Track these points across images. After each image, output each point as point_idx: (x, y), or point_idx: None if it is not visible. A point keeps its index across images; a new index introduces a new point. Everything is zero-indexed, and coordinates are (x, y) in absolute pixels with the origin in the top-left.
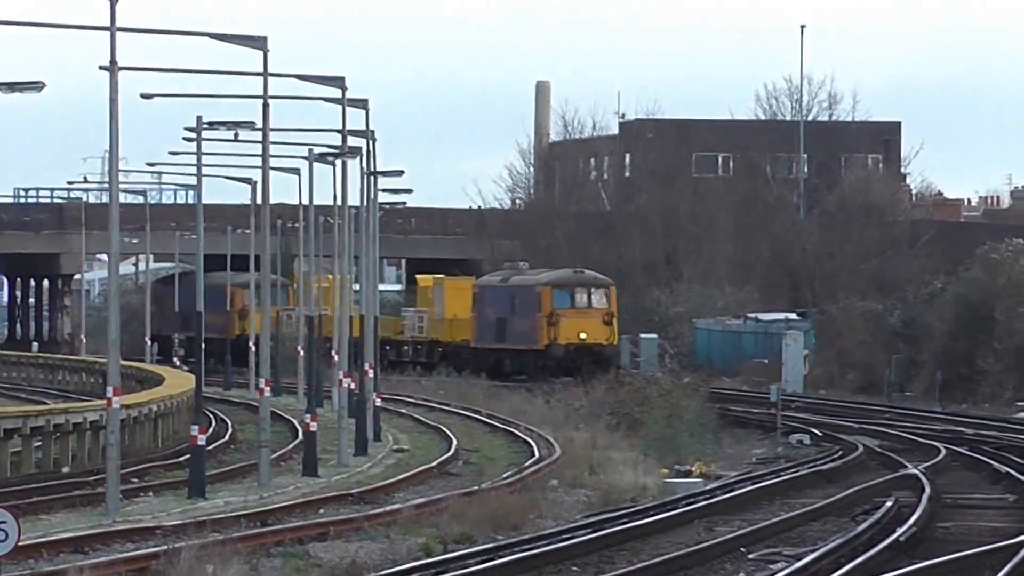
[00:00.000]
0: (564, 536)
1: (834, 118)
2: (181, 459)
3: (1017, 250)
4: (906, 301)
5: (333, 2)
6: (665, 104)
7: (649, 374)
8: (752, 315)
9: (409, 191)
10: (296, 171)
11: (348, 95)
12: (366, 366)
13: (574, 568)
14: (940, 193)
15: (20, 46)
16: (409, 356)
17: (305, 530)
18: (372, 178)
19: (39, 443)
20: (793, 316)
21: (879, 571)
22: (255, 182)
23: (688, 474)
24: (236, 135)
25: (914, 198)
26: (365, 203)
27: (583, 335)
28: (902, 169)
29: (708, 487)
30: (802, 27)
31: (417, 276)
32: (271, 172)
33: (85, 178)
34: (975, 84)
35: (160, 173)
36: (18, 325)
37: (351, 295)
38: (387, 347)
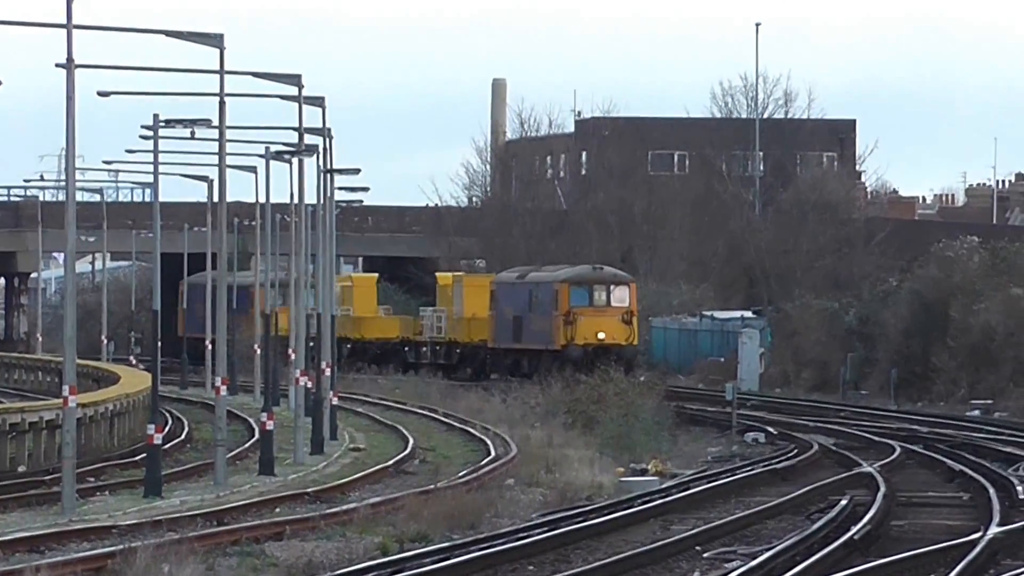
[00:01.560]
0: (520, 535)
1: (789, 116)
2: (137, 458)
3: (972, 248)
4: (861, 299)
5: (290, 1)
6: (621, 102)
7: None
8: (708, 313)
9: (366, 189)
10: (253, 169)
11: (305, 93)
12: (323, 365)
13: (530, 567)
14: (895, 191)
15: None
16: (428, 358)
17: (261, 529)
18: (329, 176)
19: None
20: (749, 314)
21: (834, 569)
22: (212, 180)
23: (644, 472)
24: (193, 133)
25: (869, 196)
26: (322, 201)
27: (601, 335)
28: (857, 167)
29: (664, 485)
30: (757, 25)
31: (436, 274)
32: (228, 170)
33: (42, 176)
34: (930, 83)
35: (117, 171)
36: None
37: (305, 293)
38: (406, 348)
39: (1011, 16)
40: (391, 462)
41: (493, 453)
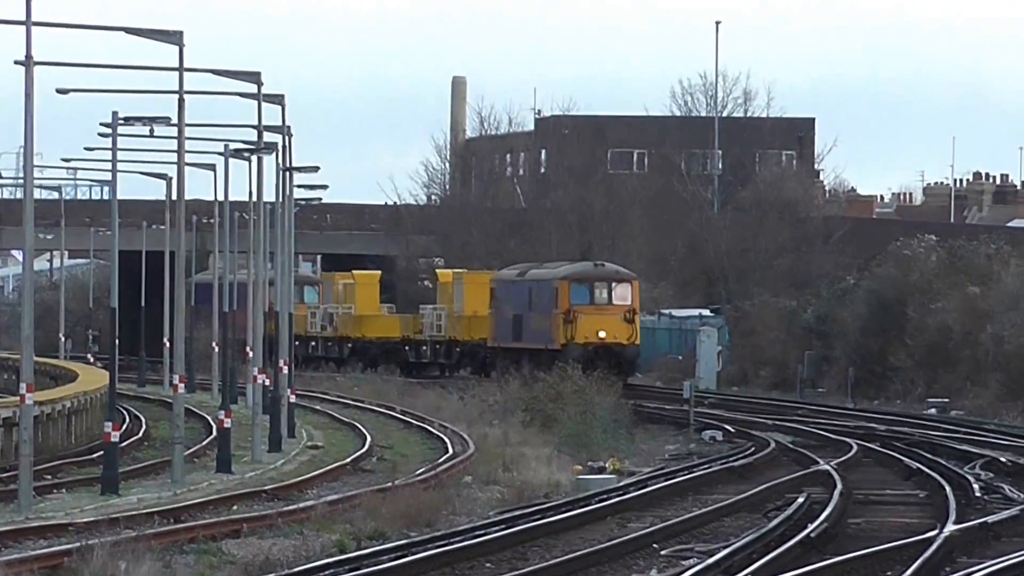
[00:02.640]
0: (477, 532)
1: (749, 115)
2: (95, 456)
3: (929, 247)
4: (819, 297)
5: None
6: (581, 101)
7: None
8: (666, 311)
9: (325, 187)
10: (212, 167)
11: (264, 91)
12: (280, 362)
13: (487, 564)
14: (853, 189)
15: None
16: (428, 357)
17: (218, 527)
18: (288, 174)
19: None
20: (707, 312)
21: (790, 567)
22: (170, 178)
23: (601, 470)
24: (151, 131)
25: (827, 194)
26: (281, 199)
27: (602, 334)
28: (816, 165)
29: (621, 483)
30: (717, 24)
31: (437, 271)
32: (187, 168)
33: (0, 174)
34: (889, 83)
35: (75, 169)
36: None
37: (266, 290)
38: (407, 347)
39: (969, 17)
40: (349, 460)
41: (451, 451)
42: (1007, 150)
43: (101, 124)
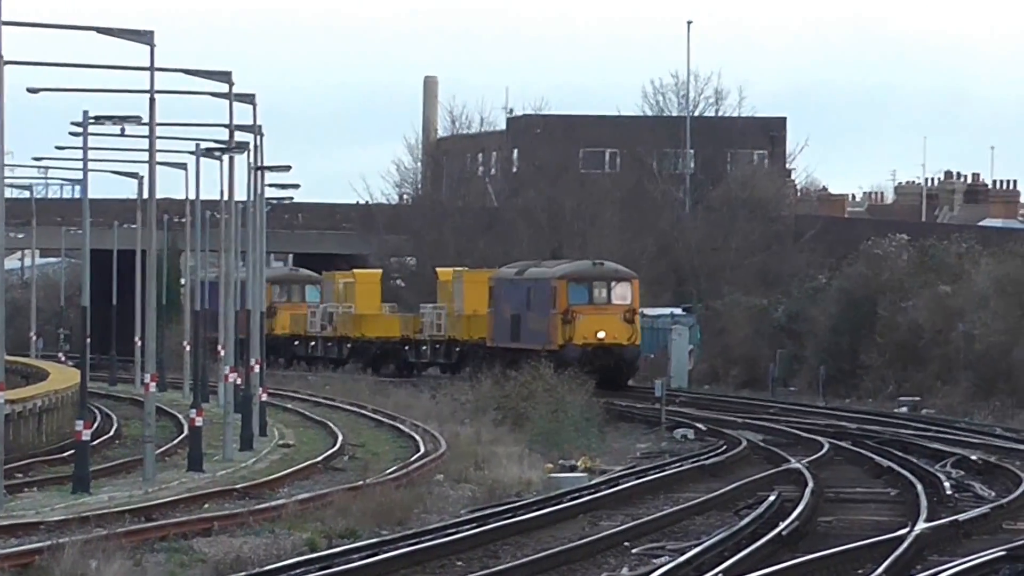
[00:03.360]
0: (449, 531)
1: (720, 114)
2: (66, 454)
3: (900, 246)
4: (790, 296)
5: None
6: (553, 100)
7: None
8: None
9: (296, 186)
10: (183, 166)
11: (235, 90)
12: (252, 361)
13: (459, 563)
14: (825, 188)
15: None
16: (428, 357)
17: (189, 525)
18: (259, 173)
19: None
20: (678, 311)
21: (762, 565)
22: (142, 177)
23: (573, 469)
24: (123, 130)
25: (799, 193)
26: (252, 198)
27: (601, 334)
28: (787, 165)
29: (593, 482)
30: (689, 23)
31: (437, 269)
32: (158, 167)
33: None
34: (860, 82)
35: (46, 168)
36: None
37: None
38: (406, 347)
39: (942, 17)
40: (320, 458)
41: (422, 449)
42: (978, 150)
43: (72, 123)
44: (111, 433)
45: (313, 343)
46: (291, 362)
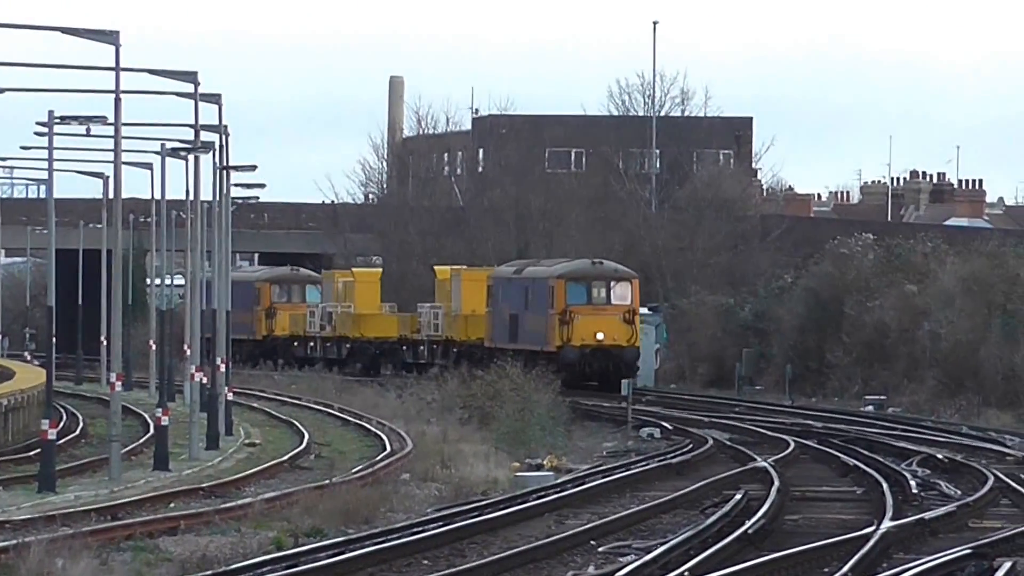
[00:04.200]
0: (415, 529)
1: (686, 114)
2: (31, 453)
3: (866, 245)
4: (756, 295)
5: None
6: (519, 100)
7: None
8: None
9: (262, 186)
10: (148, 166)
11: (201, 90)
12: (218, 360)
13: (425, 561)
14: (791, 188)
15: None
16: (425, 357)
17: (155, 524)
18: (224, 173)
19: None
20: (645, 310)
21: (728, 563)
22: (107, 177)
23: (539, 467)
24: (88, 129)
25: (765, 193)
26: (218, 198)
27: (600, 335)
28: (753, 164)
29: (559, 480)
30: (655, 23)
31: (435, 267)
32: (123, 167)
33: None
34: (826, 81)
35: (11, 168)
36: None
37: (200, 289)
38: (404, 347)
39: (907, 14)
40: (286, 457)
41: (388, 448)
42: (944, 149)
43: (38, 123)
44: (77, 432)
45: (312, 343)
46: (291, 364)
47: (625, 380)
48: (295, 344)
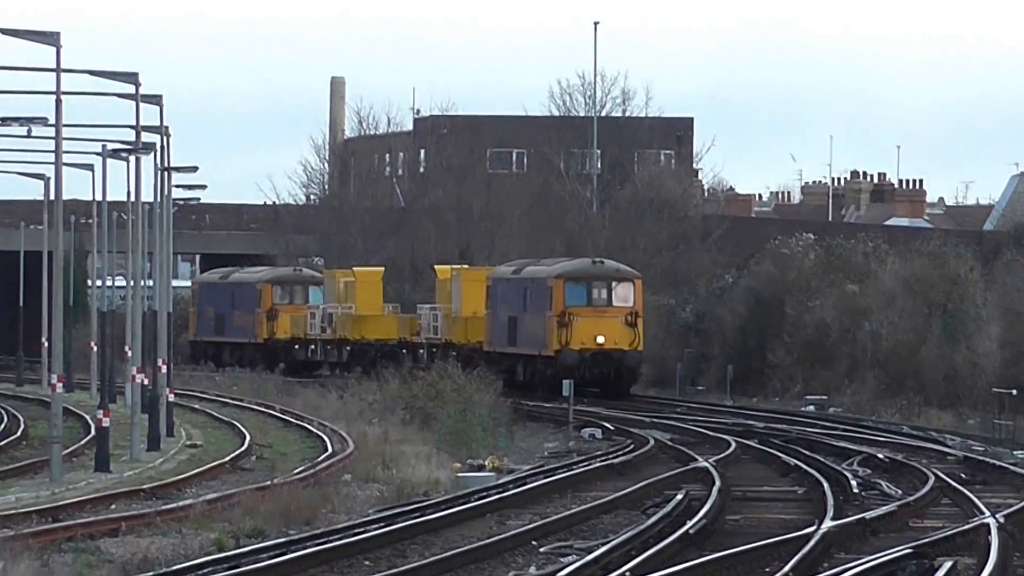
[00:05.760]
0: (356, 530)
1: (627, 114)
2: None
3: (807, 245)
4: (698, 295)
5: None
6: (460, 101)
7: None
8: None
9: (203, 187)
10: (90, 167)
11: (142, 91)
12: (159, 362)
13: (366, 562)
14: (732, 188)
15: None
16: (424, 361)
17: (97, 526)
18: (166, 174)
19: None
20: None
21: (669, 563)
22: (48, 178)
23: (481, 468)
24: (29, 131)
25: (706, 193)
26: (159, 199)
27: (601, 339)
28: (694, 165)
29: (500, 481)
30: (596, 24)
31: (436, 267)
32: (65, 168)
33: None
34: (766, 82)
35: None
36: None
37: (143, 290)
38: (404, 350)
39: (848, 18)
40: (228, 458)
41: (330, 449)
42: (884, 149)
43: None
44: (18, 434)
45: (313, 346)
46: (292, 370)
47: (567, 380)
48: (296, 347)
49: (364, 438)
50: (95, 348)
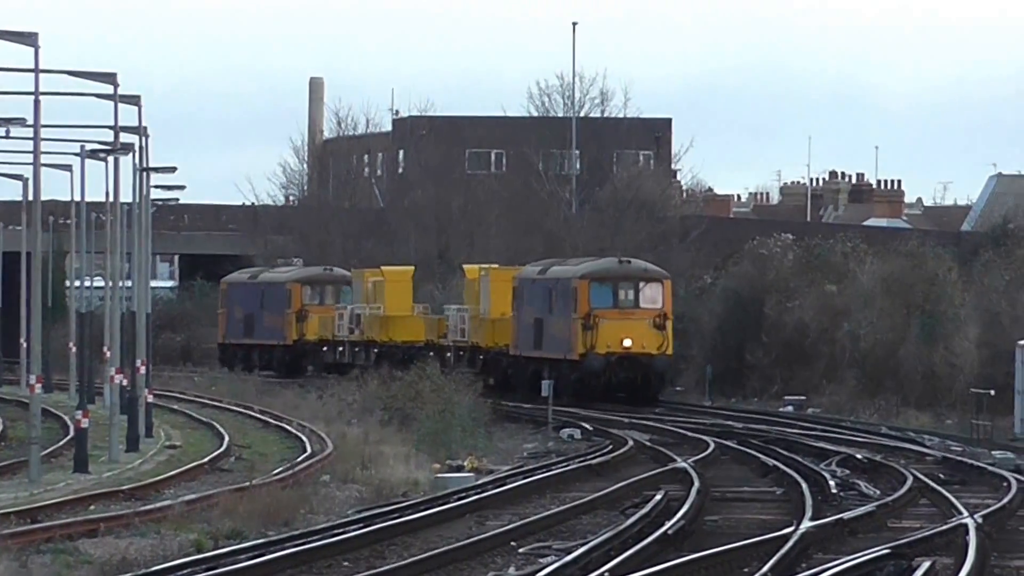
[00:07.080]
0: (335, 531)
1: (606, 115)
2: None
3: (786, 245)
4: (676, 296)
5: None
6: (439, 101)
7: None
8: None
9: (182, 187)
10: (68, 167)
11: (120, 91)
12: (138, 362)
13: (345, 563)
14: (710, 189)
15: None
16: (451, 365)
17: (75, 527)
18: (145, 174)
19: None
20: None
21: (648, 564)
22: (26, 179)
23: (460, 469)
24: (7, 131)
25: (685, 194)
26: (137, 199)
27: (627, 342)
28: (673, 165)
29: (479, 481)
30: (574, 24)
31: (464, 266)
32: (43, 168)
33: None
34: (745, 82)
35: None
36: None
37: (120, 291)
38: (431, 353)
39: (826, 15)
40: (206, 459)
41: (309, 450)
42: (863, 150)
43: None
44: None
45: (341, 348)
46: (320, 372)
47: (546, 381)
48: (324, 349)
49: (343, 439)
50: (74, 349)
